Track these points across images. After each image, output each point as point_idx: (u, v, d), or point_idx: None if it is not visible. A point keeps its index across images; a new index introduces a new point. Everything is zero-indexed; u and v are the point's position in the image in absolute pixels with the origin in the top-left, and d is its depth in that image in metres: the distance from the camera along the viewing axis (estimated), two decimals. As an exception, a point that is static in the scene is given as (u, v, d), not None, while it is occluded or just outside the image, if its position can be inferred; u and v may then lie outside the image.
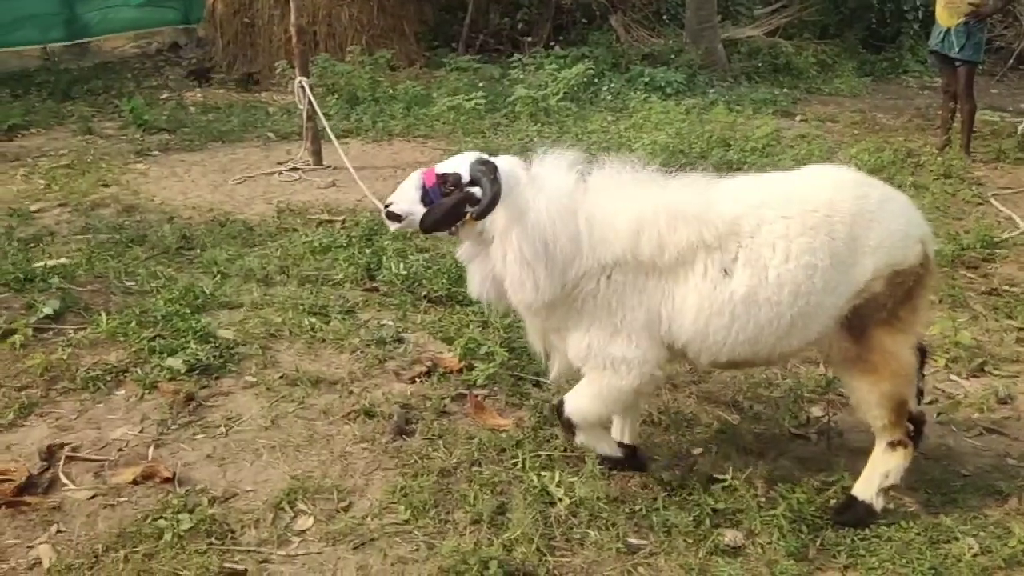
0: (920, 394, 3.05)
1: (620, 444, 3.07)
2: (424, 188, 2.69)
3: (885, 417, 2.72)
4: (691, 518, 2.79)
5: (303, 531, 2.82)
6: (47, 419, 3.43)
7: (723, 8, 12.32)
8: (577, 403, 2.84)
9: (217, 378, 3.75)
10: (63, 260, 4.82)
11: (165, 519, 2.80)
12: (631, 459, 3.06)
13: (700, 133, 7.79)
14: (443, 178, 2.67)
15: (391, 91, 9.61)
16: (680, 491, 2.96)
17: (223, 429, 3.39)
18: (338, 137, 8.19)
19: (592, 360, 2.72)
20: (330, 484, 3.05)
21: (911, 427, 2.82)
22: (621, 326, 2.66)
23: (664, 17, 12.76)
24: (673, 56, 11.11)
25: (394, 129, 8.46)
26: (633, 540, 2.75)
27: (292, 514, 2.89)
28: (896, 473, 2.80)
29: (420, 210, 2.68)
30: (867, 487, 2.83)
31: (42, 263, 4.70)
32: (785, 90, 10.70)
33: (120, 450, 3.24)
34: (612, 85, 10.11)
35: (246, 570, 2.63)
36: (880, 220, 2.63)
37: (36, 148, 7.68)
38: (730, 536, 2.73)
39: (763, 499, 2.85)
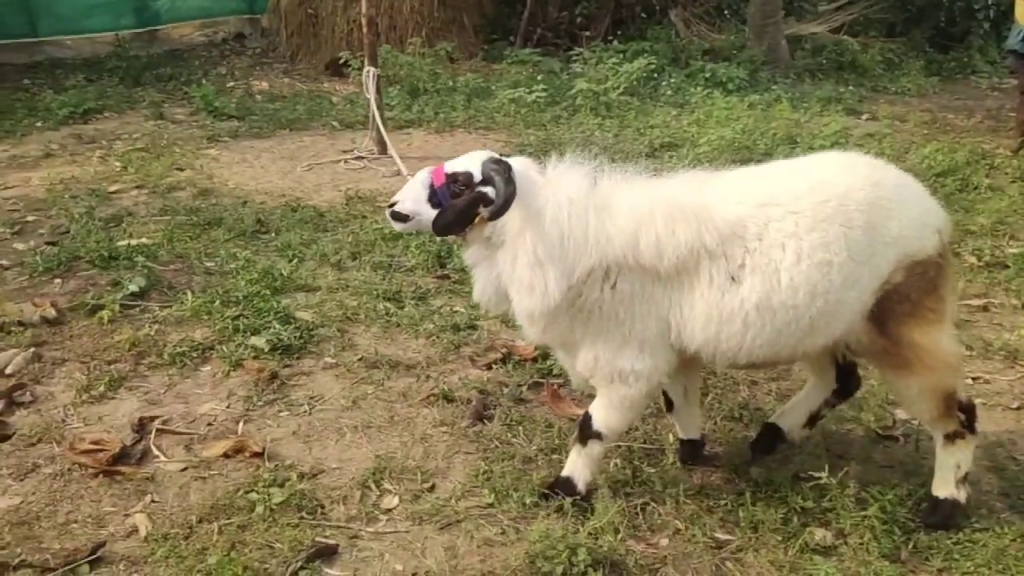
0: (815, 419, 3.05)
1: (683, 441, 3.06)
2: (432, 187, 2.56)
3: (931, 411, 2.65)
4: (779, 515, 2.75)
5: (390, 510, 2.86)
6: (136, 393, 3.54)
7: (786, 4, 12.08)
8: (600, 415, 2.74)
9: (298, 358, 3.82)
10: (144, 240, 4.95)
11: (256, 492, 2.87)
12: (584, 501, 2.81)
13: (765, 130, 7.67)
14: (453, 177, 2.55)
15: (451, 83, 9.67)
16: (765, 488, 2.93)
17: (306, 408, 3.46)
18: (400, 128, 8.30)
19: (599, 373, 2.63)
20: (413, 465, 3.09)
21: (963, 416, 2.72)
22: (630, 336, 2.56)
23: (725, 12, 12.57)
24: (735, 52, 10.95)
25: (455, 120, 8.50)
26: (720, 535, 2.73)
27: (378, 493, 2.94)
28: (966, 462, 2.73)
29: (427, 210, 2.57)
30: (944, 484, 2.76)
31: (125, 242, 4.84)
32: (851, 88, 10.47)
33: (209, 424, 3.32)
34: (672, 80, 10.00)
35: (337, 545, 2.67)
36: (898, 208, 2.50)
37: (110, 131, 7.90)
38: (820, 535, 2.69)
39: (853, 499, 2.79)
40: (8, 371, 3.60)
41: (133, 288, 4.23)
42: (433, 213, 2.57)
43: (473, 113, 8.71)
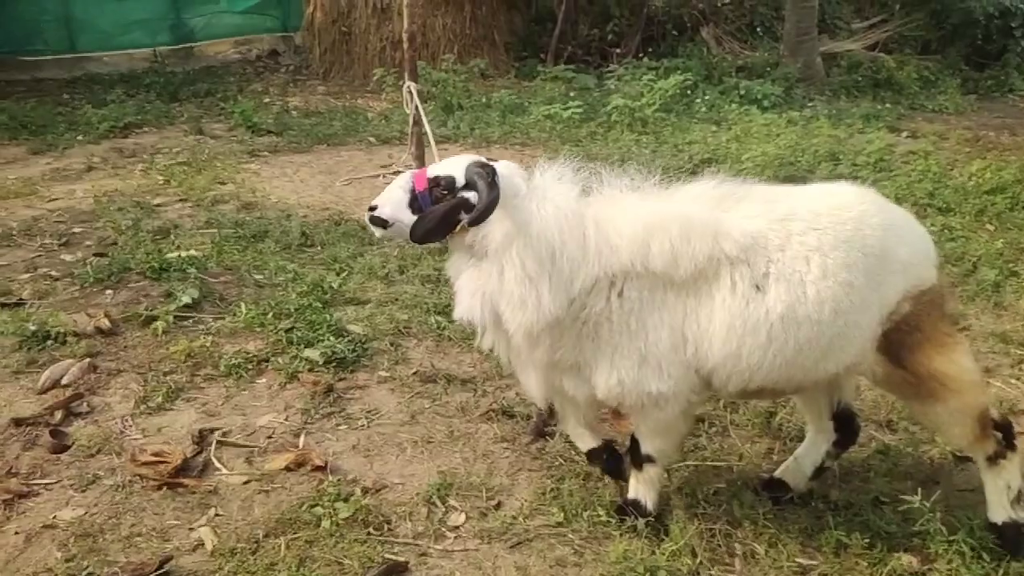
0: (820, 471, 2.92)
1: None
2: (413, 192, 2.40)
3: (967, 435, 2.57)
4: (863, 539, 2.65)
5: (457, 527, 2.79)
6: (194, 404, 3.50)
7: (820, 21, 12.03)
8: (647, 440, 2.64)
9: (352, 371, 3.77)
10: (193, 252, 4.95)
11: (322, 507, 2.81)
12: (654, 522, 2.72)
13: (807, 146, 7.59)
14: (435, 181, 2.39)
15: (485, 99, 9.69)
16: (845, 511, 2.83)
17: (364, 422, 3.41)
18: (436, 143, 8.29)
19: (628, 399, 2.47)
20: (478, 482, 3.02)
21: (999, 435, 2.62)
22: (647, 351, 2.39)
23: (757, 30, 12.53)
24: (769, 69, 10.89)
25: (492, 136, 8.49)
26: (801, 559, 2.63)
27: (444, 509, 2.87)
28: (1016, 480, 2.62)
29: (408, 216, 2.40)
30: (999, 508, 2.65)
31: (175, 254, 4.84)
32: (888, 106, 10.36)
33: (269, 437, 3.28)
34: (706, 97, 9.95)
35: (407, 562, 2.61)
36: (907, 237, 2.49)
37: (150, 145, 7.97)
38: (906, 561, 2.59)
39: (940, 524, 2.68)
40: (64, 381, 3.58)
41: (186, 299, 4.21)
42: (414, 219, 2.40)
43: (508, 129, 8.71)
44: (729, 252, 2.36)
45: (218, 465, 3.10)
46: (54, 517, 2.80)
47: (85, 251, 5.17)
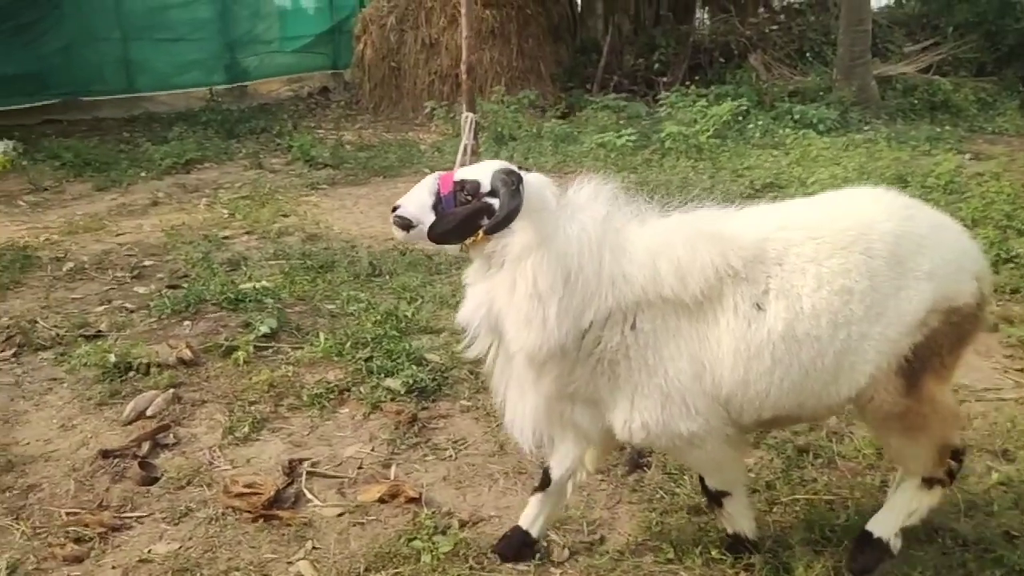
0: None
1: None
2: (439, 194, 2.30)
3: (929, 463, 2.43)
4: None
5: (561, 562, 2.67)
6: (279, 434, 3.45)
7: (872, 45, 11.90)
8: (708, 477, 2.51)
9: (434, 400, 3.70)
10: (265, 283, 4.96)
11: (420, 541, 2.72)
12: (755, 544, 2.59)
13: (872, 169, 7.42)
14: (461, 185, 2.29)
15: (535, 130, 9.71)
16: (975, 546, 2.65)
17: (452, 452, 3.32)
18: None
19: (660, 442, 2.32)
20: (577, 515, 2.90)
21: (952, 463, 2.50)
22: (668, 387, 2.24)
23: (807, 55, 12.44)
24: (822, 93, 10.78)
25: (545, 165, 8.47)
26: (936, 597, 2.47)
27: (544, 543, 2.75)
28: (922, 511, 2.48)
29: (431, 218, 2.30)
30: (886, 524, 2.49)
31: (249, 285, 4.85)
32: (947, 128, 10.15)
33: (359, 468, 3.20)
34: (759, 122, 9.86)
35: (514, 600, 2.50)
36: (931, 246, 2.27)
37: (212, 180, 8.11)
38: (1051, 601, 2.41)
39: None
40: (149, 412, 3.57)
41: (264, 329, 4.20)
42: None
43: (562, 158, 8.70)
44: (735, 265, 2.23)
45: (310, 496, 3.03)
46: (149, 551, 2.75)
47: (157, 283, 5.22)
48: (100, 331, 4.43)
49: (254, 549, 2.75)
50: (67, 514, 2.94)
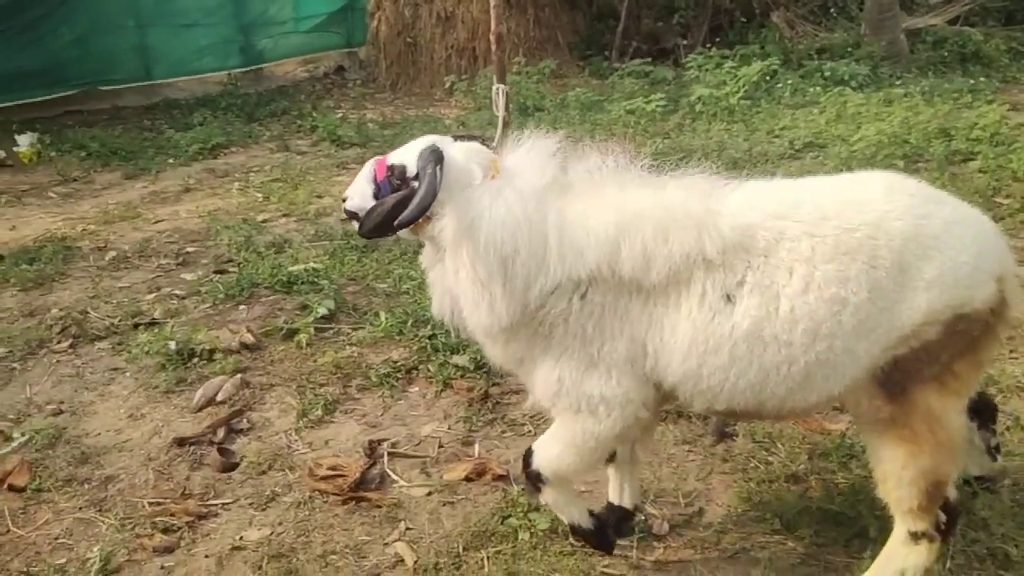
0: (996, 449, 2.54)
1: (612, 507, 2.59)
2: (376, 182, 2.17)
3: (915, 499, 2.09)
4: None
5: (663, 536, 2.61)
6: (353, 416, 3.40)
7: (898, -2, 11.62)
8: (548, 452, 2.28)
9: (503, 376, 3.63)
10: (313, 264, 4.89)
11: (516, 519, 2.67)
12: (601, 533, 2.45)
13: (914, 124, 7.24)
14: (391, 169, 2.15)
15: (560, 99, 9.56)
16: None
17: (530, 428, 3.26)
18: (520, 145, 8.20)
19: (564, 399, 2.17)
20: (671, 487, 2.84)
21: (943, 517, 2.19)
22: (598, 358, 2.11)
23: (831, 10, 12.15)
24: (849, 49, 10.53)
25: (574, 135, 8.32)
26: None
27: (642, 516, 2.69)
28: (916, 572, 2.15)
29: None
30: None
31: (299, 267, 4.78)
32: (981, 80, 9.90)
33: (440, 447, 3.15)
34: (788, 81, 9.65)
35: (622, 575, 2.44)
36: (943, 248, 1.98)
37: (240, 164, 8.02)
38: None
39: None
40: (219, 398, 3.52)
41: (323, 311, 4.13)
42: None
43: (590, 127, 8.54)
44: (709, 253, 2.01)
45: (395, 477, 2.98)
46: (240, 538, 2.71)
47: (204, 269, 5.16)
48: (155, 319, 4.38)
49: (347, 532, 2.71)
50: (151, 504, 2.91)
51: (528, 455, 2.33)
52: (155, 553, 2.66)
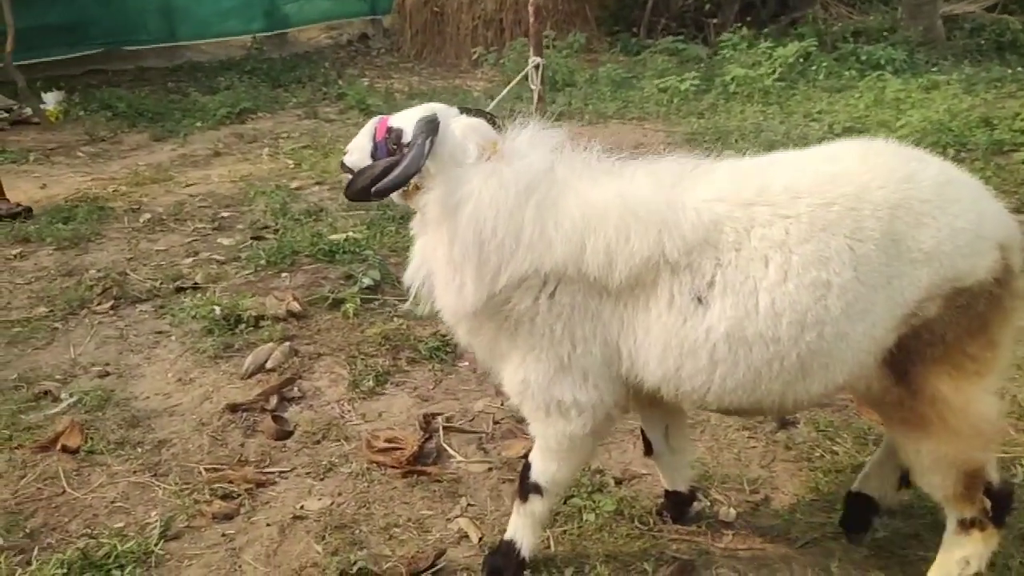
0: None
1: (669, 493, 2.55)
2: (375, 140, 2.12)
3: (945, 487, 2.01)
4: None
5: (729, 523, 2.58)
6: (404, 388, 3.37)
7: (935, -17, 11.39)
8: (538, 464, 2.20)
9: (555, 354, 3.58)
10: (352, 233, 4.83)
11: (579, 499, 2.63)
12: (520, 564, 2.32)
13: (956, 111, 7.12)
14: (389, 131, 2.09)
15: (591, 75, 9.42)
16: None
17: (586, 407, 3.21)
18: (553, 120, 8.09)
19: (530, 401, 2.09)
20: (734, 474, 2.80)
21: (987, 502, 2.09)
22: (570, 361, 2.02)
23: (868, -6, 11.94)
24: (885, 34, 10.35)
25: (606, 112, 8.23)
26: None
27: (708, 503, 2.66)
28: (978, 560, 2.08)
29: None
30: None
31: (339, 236, 4.72)
32: (1019, 68, 9.73)
33: (495, 423, 3.11)
34: (824, 64, 9.49)
35: (693, 561, 2.41)
36: (937, 214, 1.83)
37: (268, 130, 7.93)
38: None
39: None
40: (269, 366, 3.49)
41: (368, 281, 4.09)
42: None
43: (622, 104, 8.43)
44: (671, 255, 1.89)
45: (451, 452, 2.95)
46: (301, 507, 2.69)
47: (241, 235, 5.11)
48: (196, 283, 4.33)
49: (408, 505, 2.68)
50: (207, 470, 2.88)
51: (527, 468, 2.26)
52: (215, 520, 2.64)
